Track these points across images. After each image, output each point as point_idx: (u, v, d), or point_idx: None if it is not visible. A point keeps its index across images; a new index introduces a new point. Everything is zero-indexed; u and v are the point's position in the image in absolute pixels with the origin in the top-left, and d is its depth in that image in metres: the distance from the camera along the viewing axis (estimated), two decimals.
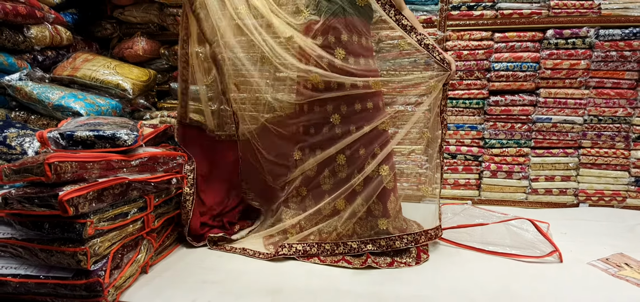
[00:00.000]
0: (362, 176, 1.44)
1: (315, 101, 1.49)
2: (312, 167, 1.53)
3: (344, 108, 1.47)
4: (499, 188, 2.12)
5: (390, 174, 1.45)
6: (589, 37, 1.93)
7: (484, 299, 1.15)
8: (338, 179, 1.49)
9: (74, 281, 1.10)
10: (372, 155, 1.45)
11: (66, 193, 1.02)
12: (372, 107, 1.46)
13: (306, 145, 1.54)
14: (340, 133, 1.47)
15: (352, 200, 1.45)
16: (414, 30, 1.44)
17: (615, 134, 2.01)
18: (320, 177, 1.52)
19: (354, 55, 1.45)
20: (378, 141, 1.46)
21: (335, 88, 1.45)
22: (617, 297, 1.14)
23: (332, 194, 1.47)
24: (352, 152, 1.47)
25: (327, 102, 1.48)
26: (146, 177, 1.29)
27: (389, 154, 1.48)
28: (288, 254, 1.41)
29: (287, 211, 1.57)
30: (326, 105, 1.48)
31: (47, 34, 1.91)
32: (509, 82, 2.05)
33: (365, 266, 1.35)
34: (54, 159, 1.04)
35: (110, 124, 1.32)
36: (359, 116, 1.46)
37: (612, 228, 1.71)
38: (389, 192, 1.46)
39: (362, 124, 1.45)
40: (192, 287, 1.25)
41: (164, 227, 1.48)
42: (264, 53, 1.50)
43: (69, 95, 1.70)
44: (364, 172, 1.44)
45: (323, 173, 1.51)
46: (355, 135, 1.45)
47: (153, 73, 2.10)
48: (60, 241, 1.10)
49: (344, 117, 1.47)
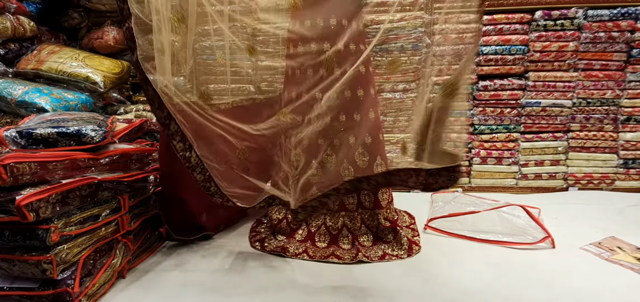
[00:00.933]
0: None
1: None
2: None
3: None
4: (489, 174, 2.10)
5: (382, 163, 1.39)
6: (578, 18, 1.91)
7: (477, 289, 1.12)
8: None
9: (40, 291, 1.02)
10: (363, 143, 1.39)
11: (24, 197, 0.93)
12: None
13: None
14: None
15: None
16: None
17: (604, 117, 2.00)
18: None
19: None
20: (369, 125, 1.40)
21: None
22: (612, 281, 1.13)
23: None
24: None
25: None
26: (118, 176, 1.20)
27: (380, 143, 1.42)
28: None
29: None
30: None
31: (9, 25, 1.76)
32: (497, 66, 2.01)
33: (355, 261, 1.30)
34: (9, 159, 0.94)
35: (76, 120, 1.22)
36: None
37: (602, 211, 1.71)
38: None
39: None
40: (173, 290, 1.17)
41: (141, 229, 1.40)
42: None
43: (33, 90, 1.57)
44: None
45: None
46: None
47: (126, 65, 1.98)
48: (22, 249, 1.01)
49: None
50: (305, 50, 1.40)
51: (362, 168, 1.37)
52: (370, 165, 1.38)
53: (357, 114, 1.38)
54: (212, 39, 1.51)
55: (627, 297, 1.06)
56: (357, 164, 1.39)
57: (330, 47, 1.41)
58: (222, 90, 1.56)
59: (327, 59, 1.38)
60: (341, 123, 1.38)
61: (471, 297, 1.08)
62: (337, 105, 1.37)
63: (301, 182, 1.33)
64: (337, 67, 1.40)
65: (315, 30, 1.38)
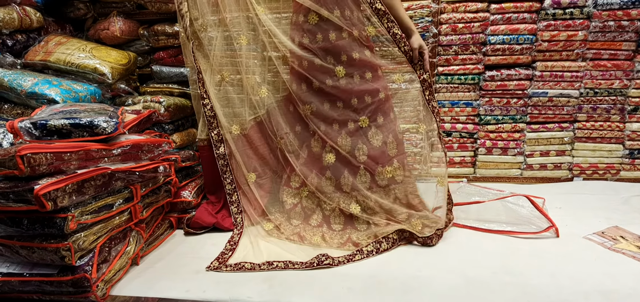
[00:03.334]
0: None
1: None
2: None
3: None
4: (494, 165, 2.11)
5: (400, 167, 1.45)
6: (587, 7, 1.88)
7: (482, 277, 1.14)
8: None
9: (60, 277, 1.05)
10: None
11: (42, 187, 0.96)
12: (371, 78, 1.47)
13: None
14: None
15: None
16: (386, 16, 1.45)
17: (611, 107, 2.00)
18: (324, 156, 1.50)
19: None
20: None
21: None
22: (614, 270, 1.15)
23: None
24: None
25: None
26: (130, 167, 1.23)
27: (400, 140, 1.48)
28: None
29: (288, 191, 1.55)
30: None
31: (15, 16, 1.76)
32: (505, 56, 2.00)
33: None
34: (26, 150, 0.97)
35: (88, 111, 1.23)
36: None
37: (606, 201, 1.72)
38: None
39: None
40: (186, 277, 1.21)
41: (153, 217, 1.43)
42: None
43: (43, 82, 1.58)
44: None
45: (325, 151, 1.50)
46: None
47: (133, 56, 1.98)
48: (41, 237, 1.04)
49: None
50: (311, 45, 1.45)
51: (375, 149, 1.45)
52: (382, 147, 1.45)
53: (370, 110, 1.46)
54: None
55: (628, 285, 1.08)
56: (372, 144, 1.46)
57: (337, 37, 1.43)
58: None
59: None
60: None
61: (475, 285, 1.10)
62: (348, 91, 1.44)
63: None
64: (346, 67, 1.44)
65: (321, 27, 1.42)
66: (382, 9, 1.45)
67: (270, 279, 1.17)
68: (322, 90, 1.49)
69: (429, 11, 1.98)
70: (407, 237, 1.38)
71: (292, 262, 1.25)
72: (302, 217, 1.50)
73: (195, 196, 1.63)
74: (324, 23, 1.44)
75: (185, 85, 2.11)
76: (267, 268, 1.23)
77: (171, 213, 1.58)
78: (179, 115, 1.95)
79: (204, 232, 1.52)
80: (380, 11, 1.45)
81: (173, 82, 2.08)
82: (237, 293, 1.10)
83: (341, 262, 1.25)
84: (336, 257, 1.27)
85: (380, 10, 1.45)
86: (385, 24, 1.46)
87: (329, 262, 1.23)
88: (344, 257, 1.27)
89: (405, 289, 1.10)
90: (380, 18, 1.46)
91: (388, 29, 1.47)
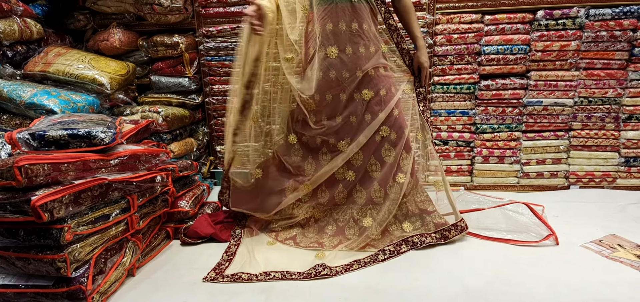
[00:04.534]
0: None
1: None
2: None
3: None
4: (491, 173, 2.12)
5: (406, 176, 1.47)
6: (580, 17, 1.91)
7: (479, 286, 1.14)
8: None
9: (55, 289, 1.05)
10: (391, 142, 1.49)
11: (39, 198, 0.96)
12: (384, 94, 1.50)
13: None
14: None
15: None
16: (396, 31, 1.52)
17: (605, 115, 2.02)
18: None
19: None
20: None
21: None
22: (612, 279, 1.15)
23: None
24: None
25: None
26: (127, 177, 1.23)
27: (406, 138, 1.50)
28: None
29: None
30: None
31: (16, 28, 1.78)
32: (499, 66, 2.03)
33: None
34: (24, 161, 0.97)
35: (86, 122, 1.24)
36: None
37: (603, 209, 1.73)
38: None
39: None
40: (182, 288, 1.20)
41: (150, 227, 1.42)
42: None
43: (42, 92, 1.59)
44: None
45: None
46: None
47: (132, 66, 2.00)
48: (37, 248, 1.03)
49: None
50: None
51: (389, 164, 1.47)
52: (395, 160, 1.48)
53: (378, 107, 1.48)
54: None
55: (626, 293, 1.07)
56: (384, 160, 1.47)
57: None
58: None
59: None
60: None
61: (473, 294, 1.10)
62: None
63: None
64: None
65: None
66: (394, 25, 1.52)
67: (268, 291, 1.16)
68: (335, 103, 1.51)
69: (424, 22, 2.01)
70: (415, 243, 1.39)
71: (289, 273, 1.24)
72: (317, 229, 1.51)
73: (193, 205, 1.63)
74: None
75: (183, 95, 2.13)
76: (264, 278, 1.22)
77: (168, 223, 1.57)
78: (177, 125, 1.96)
79: (201, 242, 1.52)
80: (392, 26, 1.52)
81: (171, 92, 2.10)
82: None
83: (339, 272, 1.25)
84: (334, 267, 1.26)
85: (392, 26, 1.52)
86: (395, 38, 1.53)
87: (326, 273, 1.23)
88: (341, 266, 1.27)
89: (403, 299, 1.09)
90: (391, 33, 1.53)
91: (397, 43, 1.54)
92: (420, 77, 1.55)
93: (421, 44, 1.52)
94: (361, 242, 1.40)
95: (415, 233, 1.42)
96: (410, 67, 1.56)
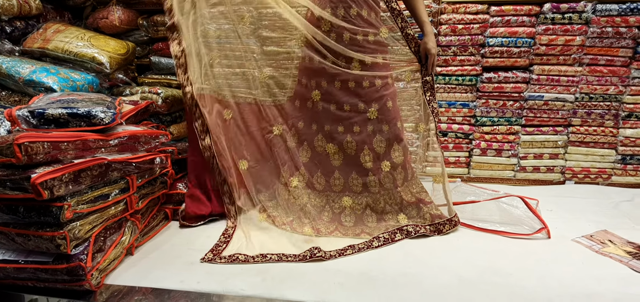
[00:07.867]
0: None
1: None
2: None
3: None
4: (488, 166, 2.13)
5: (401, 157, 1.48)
6: (586, 12, 1.89)
7: (472, 275, 1.16)
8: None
9: (55, 265, 1.06)
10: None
11: (39, 175, 0.96)
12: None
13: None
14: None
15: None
16: (400, 16, 1.48)
17: (605, 112, 2.02)
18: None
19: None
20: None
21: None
22: (601, 273, 1.17)
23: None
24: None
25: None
26: (127, 157, 1.23)
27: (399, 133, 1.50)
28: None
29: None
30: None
31: (15, 3, 1.75)
32: (503, 59, 2.01)
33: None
34: (24, 139, 0.97)
35: (86, 101, 1.24)
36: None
37: (597, 205, 1.75)
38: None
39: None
40: (180, 268, 1.22)
41: (149, 208, 1.44)
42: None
43: (41, 70, 1.58)
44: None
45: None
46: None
47: (131, 46, 1.97)
48: (37, 225, 1.05)
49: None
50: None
51: (382, 154, 1.48)
52: (387, 151, 1.48)
53: (374, 103, 1.48)
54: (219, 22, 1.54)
55: (614, 288, 1.10)
56: (376, 151, 1.48)
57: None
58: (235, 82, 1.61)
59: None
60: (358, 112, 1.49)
61: (466, 283, 1.13)
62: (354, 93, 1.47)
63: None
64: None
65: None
66: (397, 9, 1.48)
67: (264, 272, 1.19)
68: (330, 89, 1.51)
69: (430, 11, 1.98)
70: (409, 232, 1.41)
71: (285, 255, 1.27)
72: (313, 216, 1.52)
73: None
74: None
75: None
76: (260, 260, 1.25)
77: (166, 204, 1.59)
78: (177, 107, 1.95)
79: (201, 224, 1.54)
80: (395, 10, 1.48)
81: (171, 74, 2.08)
82: (231, 285, 1.12)
83: (333, 256, 1.27)
84: (328, 250, 1.29)
85: (395, 10, 1.48)
86: (399, 23, 1.50)
87: (321, 255, 1.25)
88: (335, 250, 1.29)
89: (396, 285, 1.12)
90: (394, 18, 1.49)
91: (402, 28, 1.50)
92: (427, 64, 1.51)
93: (429, 30, 1.48)
94: (357, 229, 1.43)
95: (410, 222, 1.44)
96: (416, 55, 1.52)
